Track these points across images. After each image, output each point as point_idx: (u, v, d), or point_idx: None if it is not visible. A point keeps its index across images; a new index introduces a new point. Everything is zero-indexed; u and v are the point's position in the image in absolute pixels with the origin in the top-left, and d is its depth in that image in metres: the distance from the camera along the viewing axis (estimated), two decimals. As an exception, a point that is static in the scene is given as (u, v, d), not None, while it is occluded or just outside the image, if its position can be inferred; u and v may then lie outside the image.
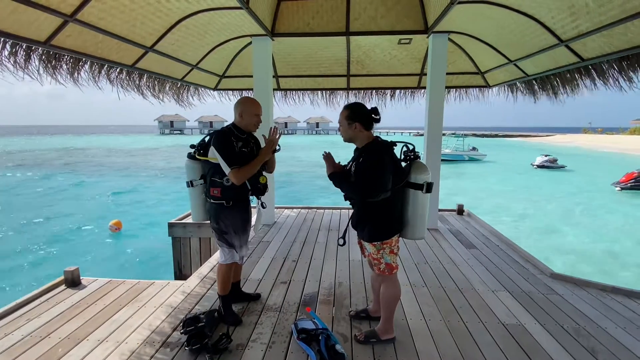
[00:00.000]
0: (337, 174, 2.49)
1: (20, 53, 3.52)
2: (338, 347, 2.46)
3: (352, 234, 2.67)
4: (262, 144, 2.87)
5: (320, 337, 2.50)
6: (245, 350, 2.58)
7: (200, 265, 4.91)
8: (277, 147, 2.88)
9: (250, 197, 2.96)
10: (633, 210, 15.95)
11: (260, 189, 2.86)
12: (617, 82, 4.25)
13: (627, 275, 9.16)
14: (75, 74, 4.20)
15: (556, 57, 4.48)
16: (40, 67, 3.80)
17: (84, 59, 4.14)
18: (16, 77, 3.60)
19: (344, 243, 2.57)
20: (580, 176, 25.44)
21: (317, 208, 7.11)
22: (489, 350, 2.61)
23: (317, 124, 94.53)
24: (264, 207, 2.99)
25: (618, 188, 19.68)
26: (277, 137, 2.81)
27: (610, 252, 10.86)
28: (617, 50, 3.66)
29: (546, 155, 29.45)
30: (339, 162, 2.59)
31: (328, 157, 2.58)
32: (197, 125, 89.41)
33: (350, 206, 2.61)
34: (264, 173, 2.93)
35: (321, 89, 7.53)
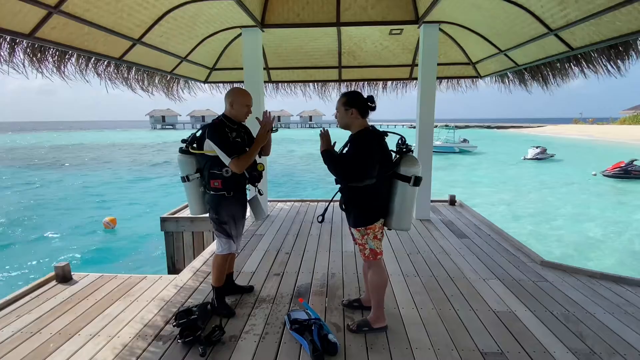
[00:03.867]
0: (329, 152, 2.55)
1: (4, 46, 3.44)
2: (331, 336, 2.47)
3: (345, 225, 2.69)
4: (257, 128, 2.85)
5: (312, 327, 2.52)
6: (239, 341, 2.58)
7: (194, 259, 4.89)
8: (275, 128, 2.89)
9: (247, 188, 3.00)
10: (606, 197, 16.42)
11: (257, 177, 2.89)
12: (605, 71, 4.28)
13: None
14: (62, 67, 4.13)
15: (546, 46, 4.49)
16: (26, 61, 3.72)
17: (70, 52, 4.06)
18: (1, 71, 3.53)
19: (323, 220, 2.65)
20: (567, 166, 25.76)
21: (310, 201, 7.11)
22: (480, 336, 2.64)
23: (310, 117, 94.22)
24: (261, 194, 3.03)
25: (594, 173, 20.18)
26: (270, 119, 2.81)
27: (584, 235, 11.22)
28: (606, 39, 3.67)
29: (537, 147, 29.64)
30: (335, 142, 2.62)
31: (325, 134, 2.61)
32: (189, 120, 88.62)
33: (339, 191, 2.65)
34: (259, 160, 2.95)
35: (313, 81, 7.49)
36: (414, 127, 5.77)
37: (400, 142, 2.57)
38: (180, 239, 6.01)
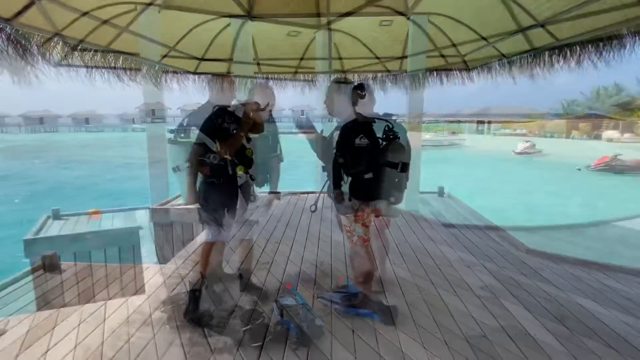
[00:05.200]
0: (316, 137, 2.61)
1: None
2: (317, 320, 2.51)
3: (334, 214, 2.73)
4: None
5: (300, 312, 2.55)
6: (226, 327, 2.60)
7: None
8: (263, 107, 2.90)
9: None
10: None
11: (246, 163, 2.88)
12: (591, 63, 4.33)
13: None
14: (47, 55, 4.06)
15: (532, 38, 4.53)
16: (9, 47, 3.65)
17: (55, 39, 3.99)
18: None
19: (316, 209, 2.74)
20: (555, 160, 26.22)
21: (301, 193, 7.12)
22: (464, 320, 2.70)
23: (302, 112, 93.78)
24: (253, 180, 3.03)
25: (578, 168, 20.58)
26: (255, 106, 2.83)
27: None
28: (591, 30, 3.73)
29: (527, 142, 30.19)
30: (322, 130, 2.65)
31: (304, 123, 2.69)
32: (179, 114, 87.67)
33: (327, 177, 2.69)
34: (248, 146, 2.93)
35: (303, 73, 7.46)
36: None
37: (387, 129, 2.59)
38: (170, 231, 5.98)
